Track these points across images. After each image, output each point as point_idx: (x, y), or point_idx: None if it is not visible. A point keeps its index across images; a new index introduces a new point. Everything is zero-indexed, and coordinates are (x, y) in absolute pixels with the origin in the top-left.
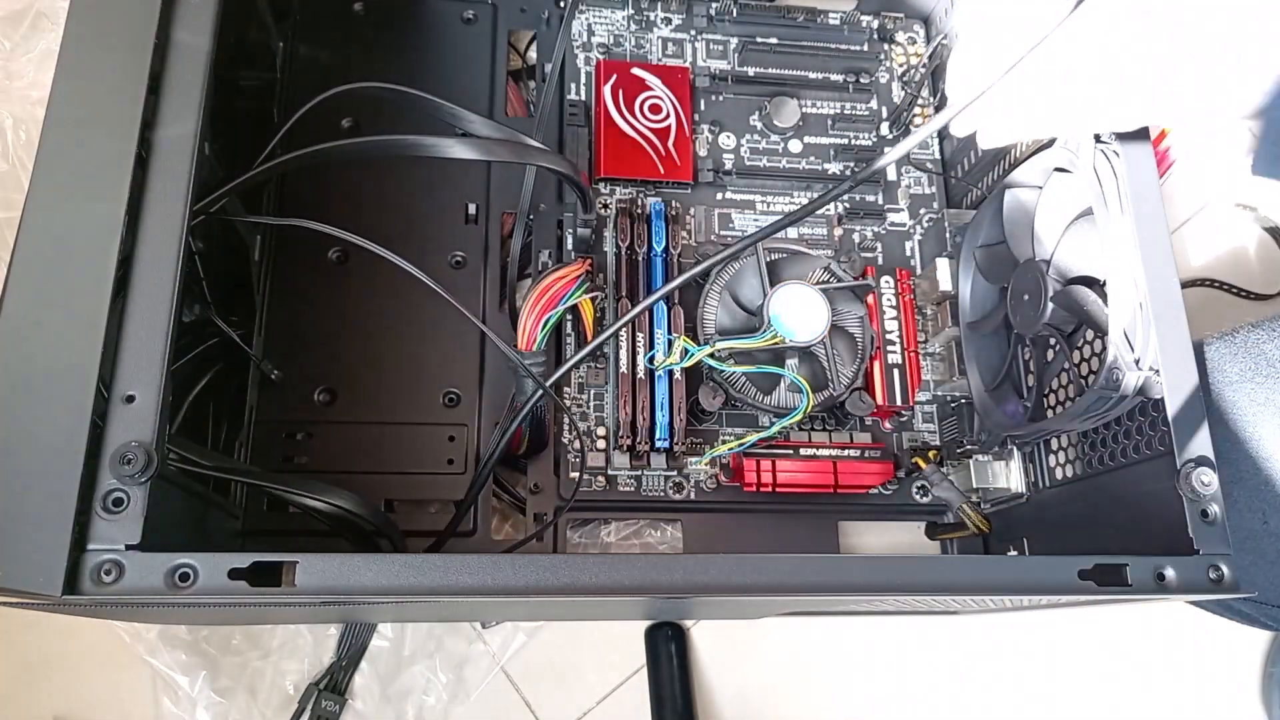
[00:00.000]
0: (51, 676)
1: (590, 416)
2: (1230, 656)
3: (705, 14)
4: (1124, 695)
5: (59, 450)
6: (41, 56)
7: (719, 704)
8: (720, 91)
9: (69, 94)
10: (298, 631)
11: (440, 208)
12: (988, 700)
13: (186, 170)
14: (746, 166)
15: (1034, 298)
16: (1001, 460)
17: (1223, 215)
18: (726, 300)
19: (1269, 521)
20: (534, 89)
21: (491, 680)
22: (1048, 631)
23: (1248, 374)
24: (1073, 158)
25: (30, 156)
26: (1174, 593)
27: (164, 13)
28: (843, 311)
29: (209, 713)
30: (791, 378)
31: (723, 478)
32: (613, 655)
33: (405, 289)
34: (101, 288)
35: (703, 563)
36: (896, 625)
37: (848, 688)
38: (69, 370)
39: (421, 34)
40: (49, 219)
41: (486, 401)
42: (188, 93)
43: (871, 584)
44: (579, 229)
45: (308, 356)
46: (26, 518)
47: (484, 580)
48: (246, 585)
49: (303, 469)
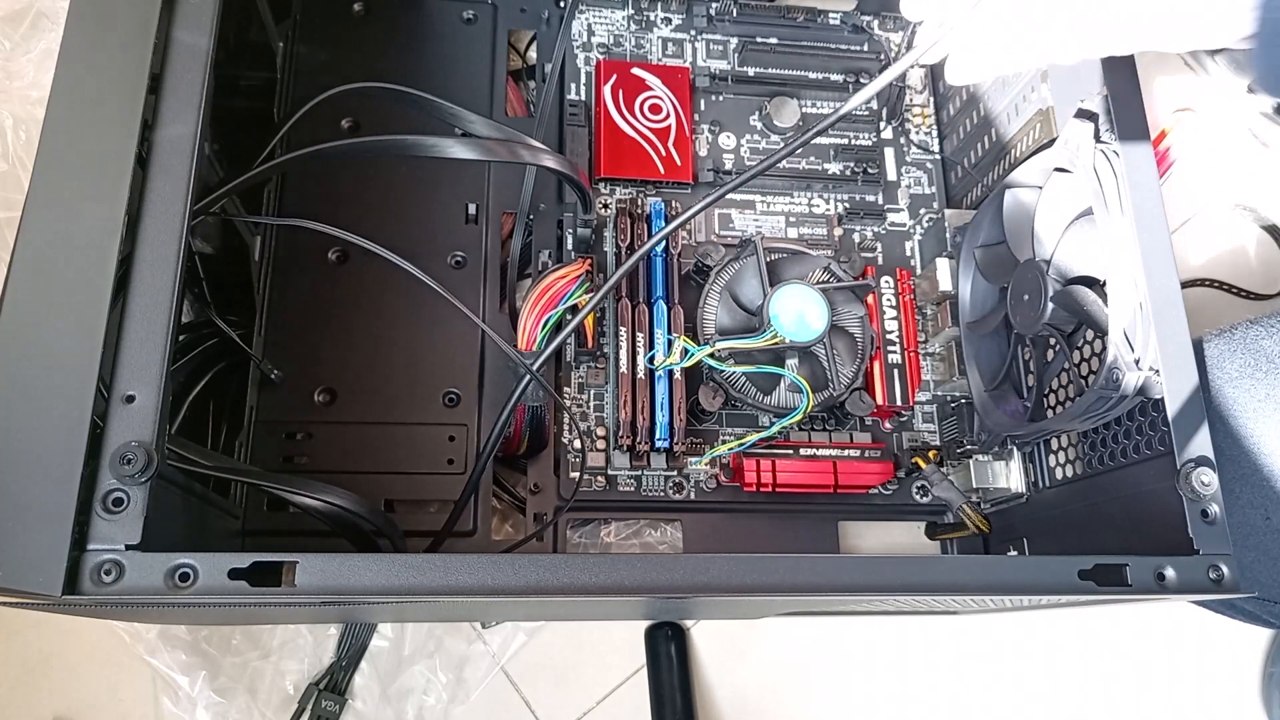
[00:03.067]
0: (51, 676)
1: (590, 416)
2: (1230, 656)
3: (705, 14)
4: (1124, 695)
5: (59, 450)
6: (41, 56)
7: (719, 704)
8: (720, 91)
9: (69, 94)
10: (298, 631)
11: (440, 208)
12: (988, 700)
13: (186, 170)
14: (746, 166)
15: (1034, 298)
16: (1001, 460)
17: (1223, 215)
18: (726, 300)
19: (1271, 518)
20: (534, 89)
21: (491, 680)
22: (1048, 631)
23: (1247, 370)
24: (1073, 158)
25: (30, 156)
26: (1174, 593)
27: (164, 13)
28: (843, 311)
29: (209, 713)
30: (791, 378)
31: (723, 478)
32: (613, 655)
33: (405, 289)
34: (101, 288)
35: (703, 563)
36: (896, 625)
37: (847, 688)
38: (69, 370)
39: (421, 34)
40: (49, 219)
41: (486, 401)
42: (188, 93)
43: (871, 584)
44: (579, 229)
45: (308, 356)
46: (26, 518)
47: (484, 580)
48: (246, 585)
49: (303, 469)
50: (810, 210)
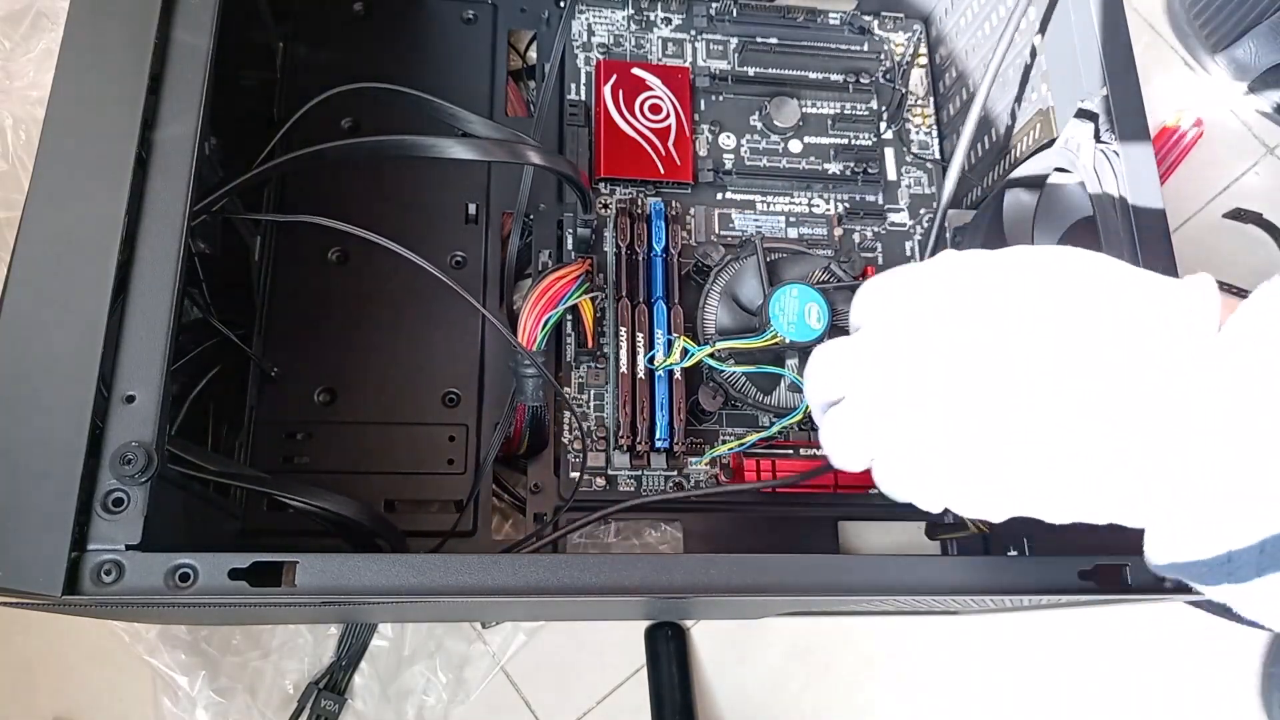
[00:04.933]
0: (51, 676)
1: (590, 416)
2: (1230, 656)
3: (705, 14)
4: (1124, 695)
5: (59, 450)
6: (41, 56)
7: (719, 704)
8: (720, 91)
9: (69, 94)
10: (298, 631)
11: (440, 208)
12: (988, 700)
13: (186, 170)
14: (746, 166)
15: None
16: None
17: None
18: (726, 300)
19: None
20: (534, 89)
21: (491, 680)
22: (1048, 631)
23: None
24: (1073, 158)
25: (30, 156)
26: (1174, 593)
27: (164, 13)
28: (843, 311)
29: (209, 713)
30: (791, 378)
31: (723, 478)
32: (613, 655)
33: (405, 289)
34: (101, 288)
35: (703, 563)
36: (896, 625)
37: (847, 687)
38: (69, 370)
39: (421, 34)
40: (49, 219)
41: (486, 401)
42: (188, 93)
43: (871, 584)
44: (579, 229)
45: (308, 356)
46: (26, 518)
47: (484, 580)
48: (246, 585)
49: (303, 469)
50: (810, 210)
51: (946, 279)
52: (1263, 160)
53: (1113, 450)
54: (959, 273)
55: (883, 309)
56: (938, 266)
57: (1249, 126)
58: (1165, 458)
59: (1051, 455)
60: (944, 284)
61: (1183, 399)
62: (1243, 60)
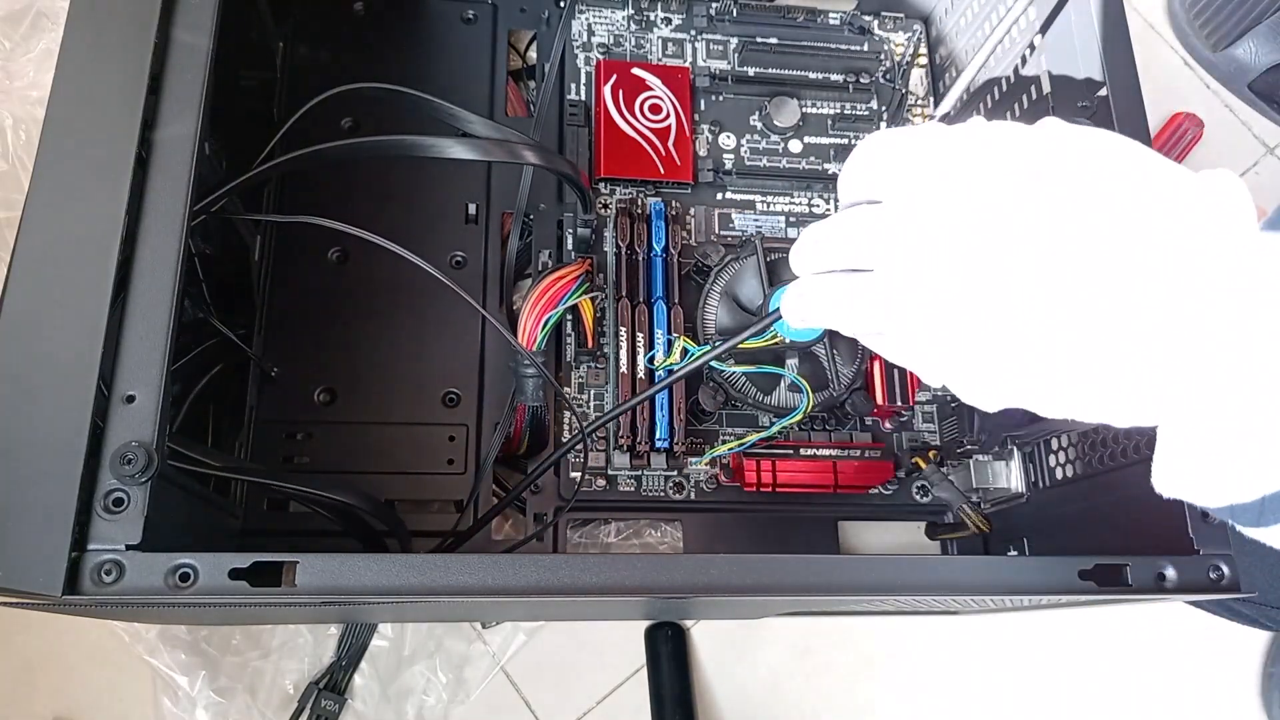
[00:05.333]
0: (51, 676)
1: (590, 416)
2: (1230, 656)
3: (705, 14)
4: (1124, 695)
5: (59, 450)
6: (41, 56)
7: (719, 704)
8: (720, 91)
9: (69, 94)
10: (298, 631)
11: (440, 208)
12: (988, 700)
13: (186, 170)
14: (746, 166)
15: None
16: (1001, 460)
17: None
18: (726, 300)
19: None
20: (534, 89)
21: (491, 680)
22: (1048, 631)
23: None
24: None
25: (30, 156)
26: (1174, 593)
27: (164, 13)
28: None
29: (209, 713)
30: (791, 378)
31: (723, 478)
32: (613, 655)
33: (405, 289)
34: (101, 288)
35: (703, 563)
36: (896, 625)
37: (847, 687)
38: (69, 370)
39: (421, 34)
40: (49, 219)
41: (486, 401)
42: (188, 93)
43: (871, 584)
44: (579, 229)
45: (308, 356)
46: (26, 518)
47: (484, 580)
48: (247, 585)
49: (303, 469)
50: (810, 210)
51: (982, 151)
52: (1263, 160)
53: (1138, 336)
54: (997, 145)
55: (908, 173)
56: (971, 135)
57: (1249, 126)
58: (1194, 355)
59: (1081, 335)
60: (980, 156)
61: (1221, 294)
62: (1243, 60)
